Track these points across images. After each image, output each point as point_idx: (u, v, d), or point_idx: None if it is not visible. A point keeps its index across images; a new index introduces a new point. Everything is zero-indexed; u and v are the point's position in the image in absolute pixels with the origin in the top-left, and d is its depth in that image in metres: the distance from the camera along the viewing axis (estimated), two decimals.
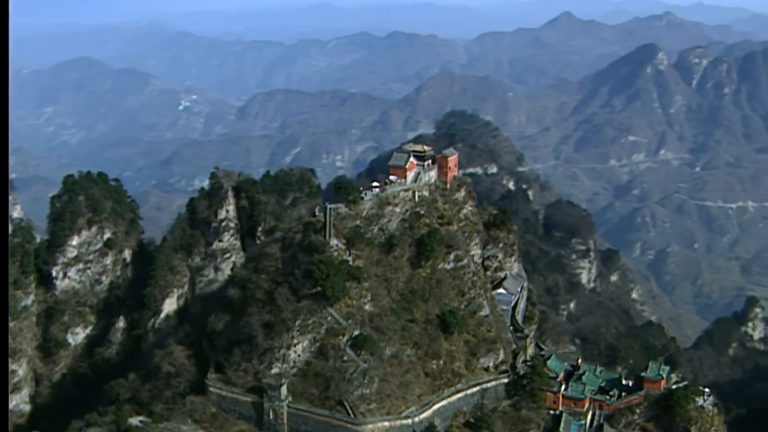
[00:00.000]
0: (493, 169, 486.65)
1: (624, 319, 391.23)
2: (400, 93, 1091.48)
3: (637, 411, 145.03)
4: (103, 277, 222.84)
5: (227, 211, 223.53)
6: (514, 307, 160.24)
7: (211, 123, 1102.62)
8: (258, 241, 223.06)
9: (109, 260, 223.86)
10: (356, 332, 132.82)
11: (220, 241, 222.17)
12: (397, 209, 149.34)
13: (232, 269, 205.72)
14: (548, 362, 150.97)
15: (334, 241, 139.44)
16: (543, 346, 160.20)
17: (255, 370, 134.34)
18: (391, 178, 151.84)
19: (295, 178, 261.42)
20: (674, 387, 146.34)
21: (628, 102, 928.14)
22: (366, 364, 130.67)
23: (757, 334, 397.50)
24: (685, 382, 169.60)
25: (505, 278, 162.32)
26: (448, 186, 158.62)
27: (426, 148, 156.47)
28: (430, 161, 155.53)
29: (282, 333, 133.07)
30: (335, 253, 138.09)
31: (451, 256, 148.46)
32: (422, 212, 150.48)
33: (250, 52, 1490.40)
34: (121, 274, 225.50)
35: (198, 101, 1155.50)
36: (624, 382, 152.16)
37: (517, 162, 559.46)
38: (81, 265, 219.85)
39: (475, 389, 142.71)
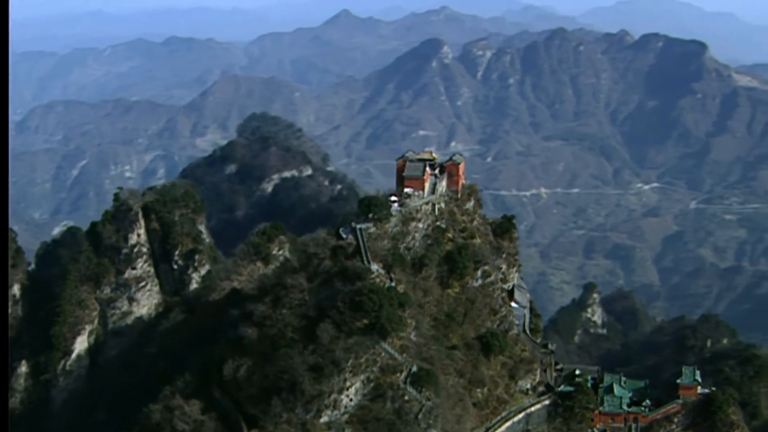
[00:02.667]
0: (308, 171, 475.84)
1: None
2: (183, 99, 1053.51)
3: (675, 420, 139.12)
4: None
5: (138, 235, 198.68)
6: (524, 321, 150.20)
7: None
8: (175, 266, 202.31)
9: None
10: (414, 368, 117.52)
11: (133, 268, 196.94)
12: (420, 225, 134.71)
13: (191, 294, 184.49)
14: None
15: (374, 266, 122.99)
16: (557, 361, 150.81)
17: (301, 420, 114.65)
18: (407, 190, 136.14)
19: (180, 194, 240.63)
20: (707, 390, 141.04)
21: (416, 97, 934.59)
22: (430, 402, 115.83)
23: (598, 320, 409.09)
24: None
25: (513, 290, 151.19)
26: (459, 195, 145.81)
27: (434, 155, 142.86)
28: (438, 169, 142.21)
29: (332, 375, 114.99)
30: (377, 280, 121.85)
31: (479, 273, 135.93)
32: (444, 226, 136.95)
33: (24, 63, 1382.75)
34: (11, 312, 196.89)
35: None
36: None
37: (323, 162, 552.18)
38: None
39: (520, 415, 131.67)
